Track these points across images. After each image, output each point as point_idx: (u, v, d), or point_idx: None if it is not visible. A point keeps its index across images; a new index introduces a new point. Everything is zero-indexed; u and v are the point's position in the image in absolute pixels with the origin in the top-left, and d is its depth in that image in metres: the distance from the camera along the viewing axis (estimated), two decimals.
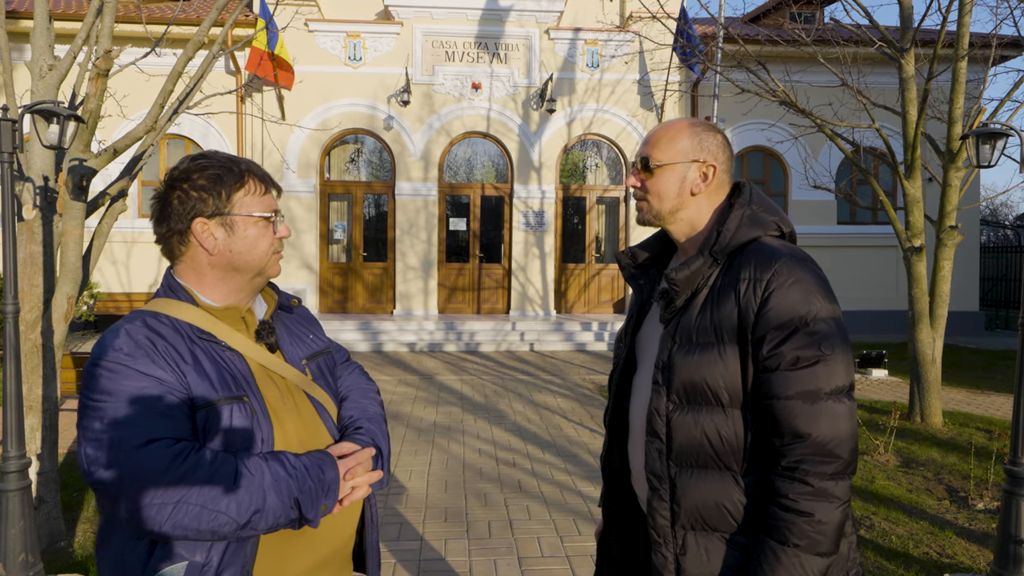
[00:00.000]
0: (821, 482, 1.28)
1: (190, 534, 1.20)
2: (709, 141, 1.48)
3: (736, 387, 1.35)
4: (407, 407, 7.27)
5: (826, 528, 1.28)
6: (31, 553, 3.13)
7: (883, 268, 13.48)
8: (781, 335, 1.31)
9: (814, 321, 1.31)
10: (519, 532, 4.08)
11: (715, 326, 1.37)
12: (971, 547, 3.98)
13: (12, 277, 3.18)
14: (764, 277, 1.34)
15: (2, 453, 3.11)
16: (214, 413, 1.27)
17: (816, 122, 6.86)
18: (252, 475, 1.23)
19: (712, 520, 1.38)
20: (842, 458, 1.30)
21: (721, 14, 9.58)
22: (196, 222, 1.34)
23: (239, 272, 1.38)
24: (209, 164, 1.37)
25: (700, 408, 1.38)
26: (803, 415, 1.29)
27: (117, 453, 1.20)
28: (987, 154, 3.93)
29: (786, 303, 1.31)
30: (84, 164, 3.78)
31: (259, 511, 1.23)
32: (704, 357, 1.37)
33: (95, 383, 1.25)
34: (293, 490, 1.26)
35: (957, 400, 7.96)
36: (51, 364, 3.82)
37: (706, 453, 1.37)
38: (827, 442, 1.29)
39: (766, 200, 1.48)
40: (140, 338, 1.28)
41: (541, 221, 12.79)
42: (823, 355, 1.30)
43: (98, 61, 3.65)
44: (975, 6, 6.51)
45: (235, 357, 1.35)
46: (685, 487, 1.39)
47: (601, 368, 9.81)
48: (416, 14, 12.29)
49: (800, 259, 1.37)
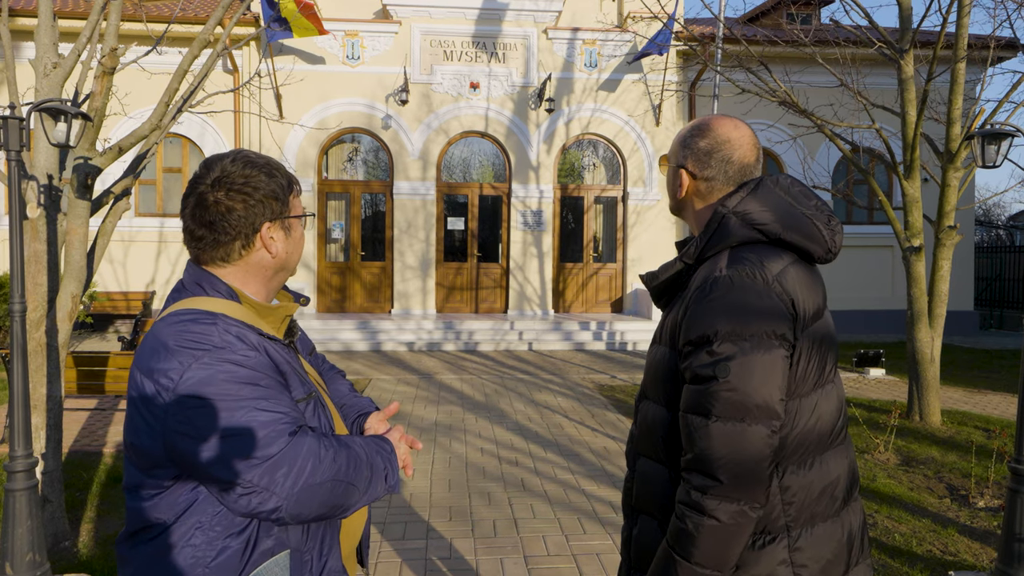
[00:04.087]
0: (696, 495, 1.30)
1: (325, 511, 1.25)
2: (693, 147, 1.48)
3: (671, 389, 1.40)
4: (408, 406, 7.26)
5: (703, 545, 1.28)
6: (38, 553, 3.12)
7: (879, 268, 13.55)
8: (689, 349, 1.34)
9: (721, 341, 1.29)
10: (524, 531, 4.09)
11: (665, 329, 1.44)
12: (974, 545, 4.01)
13: (19, 276, 3.17)
14: (696, 287, 1.36)
15: (8, 453, 3.10)
16: (307, 408, 1.33)
17: (816, 122, 6.89)
18: (355, 450, 1.31)
19: (653, 507, 1.46)
20: (719, 481, 1.27)
21: (721, 13, 9.60)
22: (267, 227, 1.33)
23: (286, 271, 1.41)
24: (263, 163, 1.35)
25: (651, 401, 1.47)
26: (691, 429, 1.32)
27: (270, 445, 1.19)
28: (992, 154, 3.96)
29: (701, 319, 1.32)
30: (89, 162, 3.76)
31: (368, 480, 1.30)
32: (656, 356, 1.46)
33: (210, 383, 1.19)
34: (383, 461, 1.35)
35: (955, 399, 8.00)
36: (55, 363, 3.80)
37: (652, 444, 1.46)
38: (707, 460, 1.29)
39: (769, 200, 1.40)
40: (230, 337, 1.25)
41: (539, 220, 12.79)
42: (716, 377, 1.28)
43: (104, 59, 3.64)
44: (973, 7, 6.55)
45: (292, 356, 1.38)
46: (641, 472, 1.50)
47: (600, 368, 9.83)
48: (414, 13, 12.27)
49: (731, 277, 1.32)
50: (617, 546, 3.87)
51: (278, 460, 1.19)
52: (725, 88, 10.74)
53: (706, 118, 1.51)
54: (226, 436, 1.18)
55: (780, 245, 1.39)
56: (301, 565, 1.28)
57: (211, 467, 1.18)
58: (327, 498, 1.24)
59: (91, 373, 5.65)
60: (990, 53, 7.19)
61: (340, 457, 1.26)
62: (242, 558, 1.22)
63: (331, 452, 1.25)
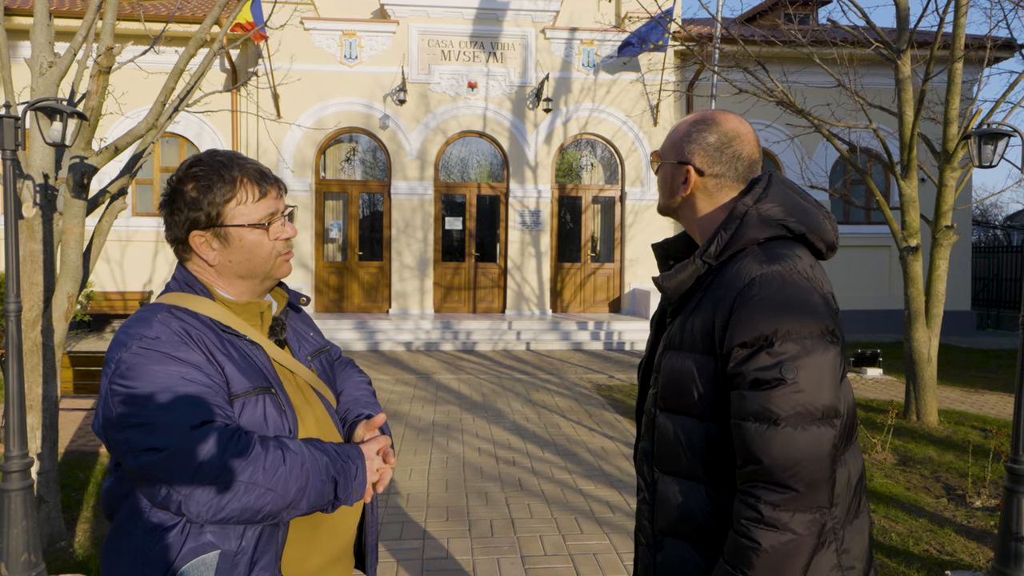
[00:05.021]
0: (771, 512, 1.20)
1: (240, 514, 1.21)
2: (699, 143, 1.39)
3: (710, 398, 1.30)
4: (405, 406, 7.26)
5: (775, 561, 1.20)
6: (33, 553, 3.11)
7: (876, 268, 13.57)
8: (744, 353, 1.24)
9: (781, 341, 1.22)
10: (521, 531, 4.09)
11: (694, 335, 1.33)
12: (970, 544, 4.01)
13: (14, 276, 3.16)
14: (737, 288, 1.27)
15: (4, 453, 3.09)
16: (250, 402, 1.30)
17: (813, 122, 6.90)
18: (296, 454, 1.26)
19: (684, 529, 1.35)
20: (795, 490, 1.20)
21: (719, 13, 9.61)
22: (192, 235, 1.34)
23: (246, 278, 1.39)
24: (202, 172, 1.34)
25: (678, 414, 1.35)
26: (756, 439, 1.21)
27: (170, 435, 1.20)
28: (989, 154, 3.96)
29: (753, 319, 1.23)
30: (85, 162, 3.75)
31: (302, 489, 1.25)
32: (682, 364, 1.33)
33: (133, 370, 1.23)
34: (330, 470, 1.29)
35: (951, 399, 8.02)
36: (51, 363, 3.79)
37: (681, 461, 1.34)
38: (780, 471, 1.20)
39: (783, 195, 1.36)
40: (175, 327, 1.28)
41: (537, 220, 12.79)
42: (783, 379, 1.21)
43: (100, 58, 3.63)
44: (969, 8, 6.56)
45: (257, 351, 1.37)
46: (663, 492, 1.38)
47: (598, 367, 9.83)
48: (412, 13, 12.26)
49: (784, 272, 1.27)
50: (614, 546, 3.87)
51: (175, 453, 1.19)
52: (723, 88, 10.74)
53: (707, 112, 1.44)
54: (131, 425, 1.21)
55: (800, 241, 1.35)
56: (232, 568, 1.23)
57: (120, 454, 1.24)
58: (240, 501, 1.20)
59: (87, 373, 5.64)
60: (987, 53, 7.20)
61: (266, 461, 1.21)
62: (174, 553, 1.22)
63: (250, 454, 1.21)
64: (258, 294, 1.44)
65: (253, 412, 1.29)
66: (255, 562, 1.25)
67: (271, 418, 1.31)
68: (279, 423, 1.32)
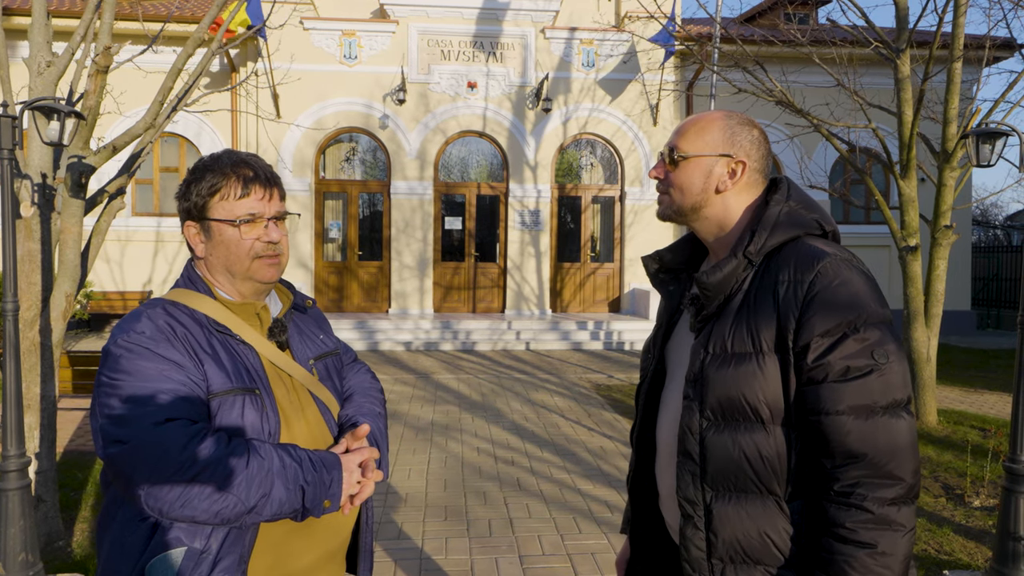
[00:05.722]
0: (882, 508, 1.14)
1: (197, 515, 1.22)
2: (742, 135, 1.36)
3: (778, 401, 1.22)
4: (405, 406, 7.26)
5: (891, 561, 1.14)
6: (31, 553, 3.11)
7: (875, 267, 13.55)
8: (828, 342, 1.18)
9: (864, 326, 1.18)
10: (519, 530, 4.09)
11: (752, 334, 1.24)
12: (968, 544, 4.01)
13: (12, 275, 3.16)
14: (806, 279, 1.22)
15: (2, 452, 3.09)
16: (227, 402, 1.30)
17: (813, 122, 6.90)
18: (263, 459, 1.26)
19: (754, 551, 1.24)
20: (904, 480, 1.16)
21: (718, 13, 9.61)
22: (187, 225, 1.41)
23: (228, 274, 1.41)
24: (202, 165, 1.41)
25: (738, 425, 1.25)
26: (857, 432, 1.16)
27: (135, 429, 1.23)
28: (987, 154, 3.95)
29: (832, 307, 1.19)
30: (83, 161, 3.75)
31: (266, 495, 1.24)
32: (741, 369, 1.24)
33: (115, 363, 1.28)
34: (299, 479, 1.27)
35: (951, 398, 8.01)
36: (49, 363, 3.79)
37: (746, 476, 1.24)
38: (886, 462, 1.15)
39: (806, 196, 1.36)
40: (160, 323, 1.32)
41: (537, 220, 12.79)
42: (876, 364, 1.17)
43: (98, 58, 3.63)
44: (969, 8, 6.55)
45: (248, 351, 1.38)
46: (722, 514, 1.26)
47: (597, 367, 9.83)
48: (412, 12, 12.26)
49: (846, 259, 1.25)
50: (612, 546, 3.87)
51: (136, 447, 1.22)
52: (722, 88, 10.74)
53: (729, 111, 1.42)
54: (105, 415, 1.25)
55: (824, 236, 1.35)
56: (194, 566, 1.24)
57: (96, 442, 1.27)
58: (198, 501, 1.21)
59: (86, 373, 5.64)
60: (986, 53, 7.20)
61: (228, 464, 1.22)
62: (145, 544, 1.25)
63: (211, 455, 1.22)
64: (252, 294, 1.44)
65: (230, 412, 1.30)
66: (217, 562, 1.25)
67: (249, 419, 1.31)
68: (257, 425, 1.31)
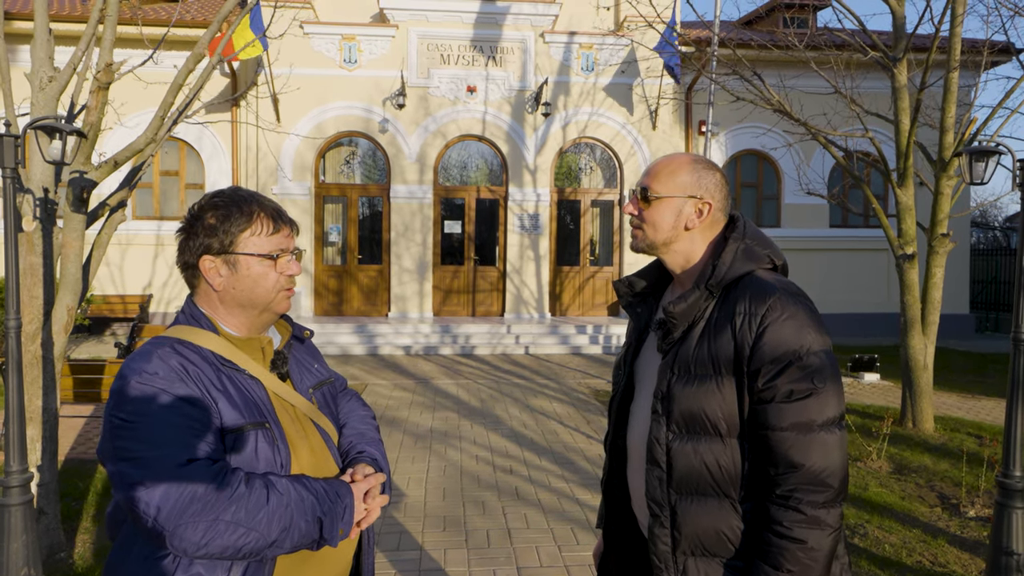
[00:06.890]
0: (814, 510, 1.34)
1: (222, 551, 1.25)
2: (708, 179, 1.54)
3: (733, 417, 1.41)
4: (404, 412, 7.29)
5: (818, 555, 1.34)
6: (33, 567, 3.14)
7: (874, 271, 13.59)
8: (775, 368, 1.37)
9: (807, 355, 1.37)
10: (518, 541, 4.12)
11: (712, 358, 1.42)
12: (963, 555, 4.04)
13: (15, 290, 3.19)
14: (759, 312, 1.39)
15: (4, 468, 3.12)
16: (241, 438, 1.34)
17: (810, 131, 6.93)
18: (281, 495, 1.29)
19: (712, 546, 1.43)
20: (833, 487, 1.35)
21: (716, 20, 9.63)
22: (204, 259, 1.42)
23: (245, 308, 1.44)
24: (222, 203, 1.43)
25: (699, 437, 1.43)
26: (797, 446, 1.35)
27: (158, 471, 1.24)
28: (980, 172, 3.99)
29: (780, 338, 1.37)
30: (85, 176, 3.78)
31: (286, 529, 1.28)
32: (702, 388, 1.42)
33: (130, 404, 1.29)
34: (317, 511, 1.32)
35: (948, 404, 8.04)
36: (51, 375, 3.82)
37: (705, 481, 1.43)
38: (819, 472, 1.35)
39: (759, 233, 1.54)
40: (173, 363, 1.34)
41: (536, 224, 12.82)
42: (815, 388, 1.36)
43: (99, 74, 3.66)
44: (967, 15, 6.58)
45: (256, 385, 1.42)
46: (685, 514, 1.44)
47: (596, 372, 9.86)
48: (411, 17, 12.29)
49: (793, 294, 1.43)
50: None
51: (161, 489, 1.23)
52: (720, 95, 10.76)
53: (695, 155, 1.59)
54: (123, 458, 1.27)
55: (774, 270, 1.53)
56: None
57: (114, 485, 1.28)
58: (222, 538, 1.23)
59: (87, 381, 5.67)
60: (983, 58, 7.23)
61: (249, 501, 1.25)
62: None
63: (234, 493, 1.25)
64: (258, 328, 1.48)
65: (244, 448, 1.34)
66: None
67: (262, 453, 1.35)
68: (271, 458, 1.36)
